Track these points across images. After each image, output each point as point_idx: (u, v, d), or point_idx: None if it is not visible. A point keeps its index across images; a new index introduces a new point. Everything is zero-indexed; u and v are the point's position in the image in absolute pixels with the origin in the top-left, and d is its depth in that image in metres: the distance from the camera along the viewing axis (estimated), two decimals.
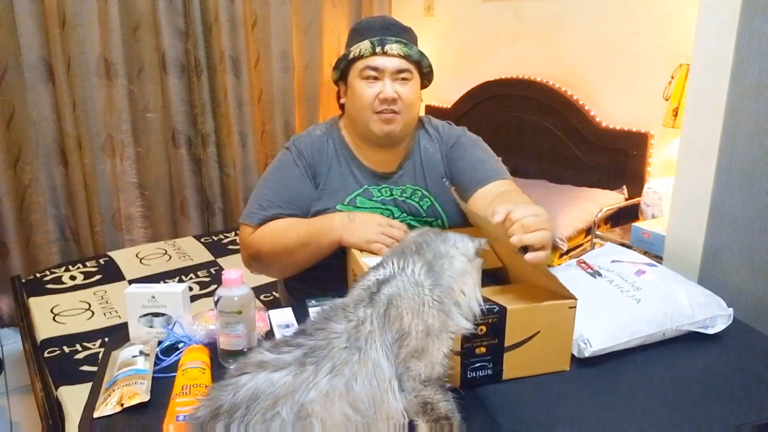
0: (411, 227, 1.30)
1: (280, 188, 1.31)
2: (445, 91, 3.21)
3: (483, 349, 0.90)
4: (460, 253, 0.80)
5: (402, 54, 1.25)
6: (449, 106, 3.22)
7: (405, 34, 1.29)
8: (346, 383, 0.67)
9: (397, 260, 0.78)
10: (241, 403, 0.66)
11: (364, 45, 1.25)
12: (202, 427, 0.67)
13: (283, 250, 1.24)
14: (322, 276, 1.29)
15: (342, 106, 1.37)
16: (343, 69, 1.31)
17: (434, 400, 0.71)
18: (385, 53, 1.24)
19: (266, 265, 1.32)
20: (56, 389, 1.58)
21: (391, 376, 0.70)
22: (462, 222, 1.34)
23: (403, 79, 1.27)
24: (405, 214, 1.33)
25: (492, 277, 1.09)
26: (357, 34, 1.30)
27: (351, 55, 1.27)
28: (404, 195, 1.34)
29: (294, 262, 1.27)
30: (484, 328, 0.88)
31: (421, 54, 1.29)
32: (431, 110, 3.34)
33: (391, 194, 1.34)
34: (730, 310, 1.07)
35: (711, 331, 1.05)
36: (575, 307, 0.92)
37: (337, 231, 1.19)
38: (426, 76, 1.33)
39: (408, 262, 0.78)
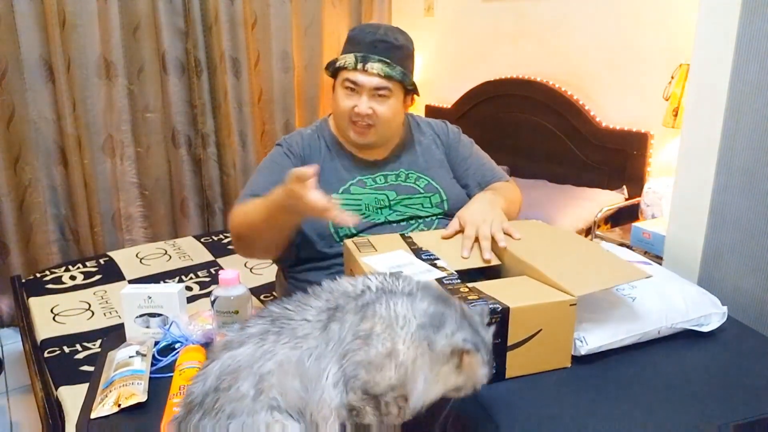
0: (415, 215, 1.36)
1: (269, 176, 1.34)
2: (445, 91, 3.21)
3: None
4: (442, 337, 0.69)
5: (382, 74, 1.30)
6: (449, 106, 3.21)
7: (391, 53, 1.32)
8: (299, 357, 0.66)
9: (415, 286, 0.74)
10: (209, 389, 0.65)
11: (349, 59, 1.31)
12: (180, 425, 0.67)
13: (250, 226, 1.25)
14: (322, 266, 1.31)
15: None
16: (332, 71, 1.37)
17: (364, 410, 0.67)
18: (365, 71, 1.30)
19: (243, 243, 1.32)
20: (56, 389, 1.58)
21: (333, 368, 0.66)
22: (458, 199, 1.40)
23: (381, 96, 1.32)
24: (402, 196, 1.38)
25: (485, 273, 1.10)
26: (349, 42, 1.35)
27: (337, 64, 1.33)
28: (399, 179, 1.40)
29: (262, 239, 1.27)
30: None
31: (404, 73, 1.33)
32: (431, 110, 3.34)
33: (386, 180, 1.39)
34: (724, 308, 1.08)
35: (705, 329, 1.05)
36: (576, 304, 0.92)
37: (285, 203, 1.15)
38: (411, 92, 1.39)
39: (421, 296, 0.72)
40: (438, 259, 1.11)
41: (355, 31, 1.36)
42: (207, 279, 2.25)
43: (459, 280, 1.02)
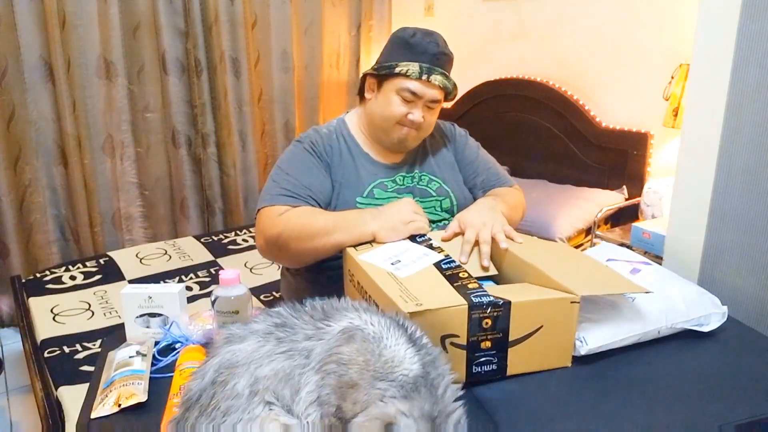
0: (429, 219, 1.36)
1: (301, 176, 1.31)
2: None
3: (488, 344, 0.89)
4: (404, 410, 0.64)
5: (441, 86, 1.32)
6: (449, 106, 3.21)
7: (448, 65, 1.36)
8: (291, 369, 0.66)
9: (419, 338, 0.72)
10: (207, 384, 0.66)
11: (413, 68, 1.30)
12: (178, 425, 0.67)
13: (307, 233, 1.21)
14: (328, 266, 1.30)
15: (362, 98, 1.42)
16: (382, 74, 1.34)
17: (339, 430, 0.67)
18: (429, 82, 1.30)
19: (284, 249, 1.26)
20: (56, 389, 1.59)
21: (311, 386, 0.66)
22: (466, 203, 1.40)
23: (432, 107, 1.35)
24: (417, 198, 1.38)
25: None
26: (410, 49, 1.32)
27: (397, 70, 1.30)
28: (414, 181, 1.42)
29: (313, 249, 1.23)
30: (489, 321, 0.88)
31: (455, 85, 1.36)
32: None
33: (403, 182, 1.40)
34: (724, 308, 1.08)
35: (705, 328, 1.05)
36: (578, 302, 0.92)
37: (370, 223, 1.17)
38: (447, 98, 1.40)
39: (414, 352, 0.69)
40: (431, 240, 1.12)
41: (415, 39, 1.32)
42: (207, 279, 2.25)
43: (457, 264, 1.02)
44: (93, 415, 0.86)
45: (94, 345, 1.79)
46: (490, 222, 1.16)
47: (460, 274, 0.98)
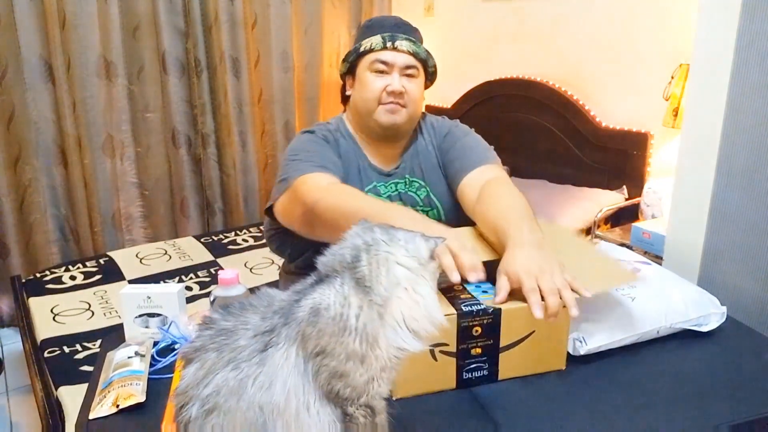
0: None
1: (325, 153, 1.28)
2: (445, 91, 3.21)
3: (479, 350, 0.89)
4: (407, 257, 0.69)
5: (410, 51, 1.30)
6: (449, 106, 3.21)
7: (414, 34, 1.35)
8: (240, 381, 0.63)
9: (332, 269, 0.71)
10: (177, 410, 0.65)
11: (375, 39, 1.30)
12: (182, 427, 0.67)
13: (344, 213, 1.06)
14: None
15: (345, 100, 1.40)
16: (352, 62, 1.34)
17: (355, 416, 0.66)
18: (395, 48, 1.29)
19: (317, 222, 1.14)
20: (56, 389, 1.59)
21: (308, 393, 0.64)
22: (456, 214, 1.34)
23: (410, 75, 1.31)
24: (406, 206, 1.34)
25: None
26: (368, 30, 1.34)
27: (362, 48, 1.31)
28: (405, 187, 1.39)
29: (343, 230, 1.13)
30: (479, 329, 0.88)
31: (428, 53, 1.34)
32: (431, 110, 3.32)
33: (396, 189, 1.37)
34: (724, 308, 1.07)
35: (704, 329, 1.05)
36: None
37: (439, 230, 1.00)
38: (430, 76, 1.38)
39: (341, 275, 0.69)
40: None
41: (371, 21, 1.37)
42: (207, 279, 2.25)
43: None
44: (91, 416, 0.86)
45: (94, 345, 1.79)
46: (548, 270, 0.90)
47: (455, 287, 0.96)
